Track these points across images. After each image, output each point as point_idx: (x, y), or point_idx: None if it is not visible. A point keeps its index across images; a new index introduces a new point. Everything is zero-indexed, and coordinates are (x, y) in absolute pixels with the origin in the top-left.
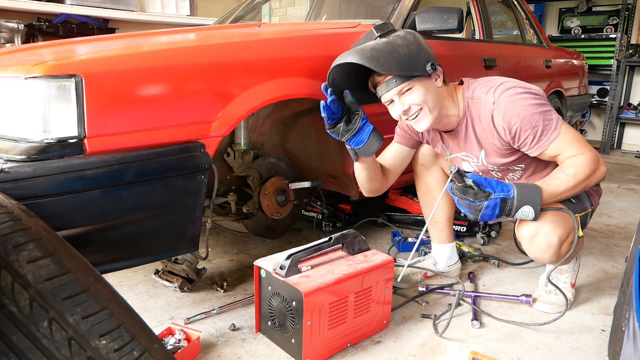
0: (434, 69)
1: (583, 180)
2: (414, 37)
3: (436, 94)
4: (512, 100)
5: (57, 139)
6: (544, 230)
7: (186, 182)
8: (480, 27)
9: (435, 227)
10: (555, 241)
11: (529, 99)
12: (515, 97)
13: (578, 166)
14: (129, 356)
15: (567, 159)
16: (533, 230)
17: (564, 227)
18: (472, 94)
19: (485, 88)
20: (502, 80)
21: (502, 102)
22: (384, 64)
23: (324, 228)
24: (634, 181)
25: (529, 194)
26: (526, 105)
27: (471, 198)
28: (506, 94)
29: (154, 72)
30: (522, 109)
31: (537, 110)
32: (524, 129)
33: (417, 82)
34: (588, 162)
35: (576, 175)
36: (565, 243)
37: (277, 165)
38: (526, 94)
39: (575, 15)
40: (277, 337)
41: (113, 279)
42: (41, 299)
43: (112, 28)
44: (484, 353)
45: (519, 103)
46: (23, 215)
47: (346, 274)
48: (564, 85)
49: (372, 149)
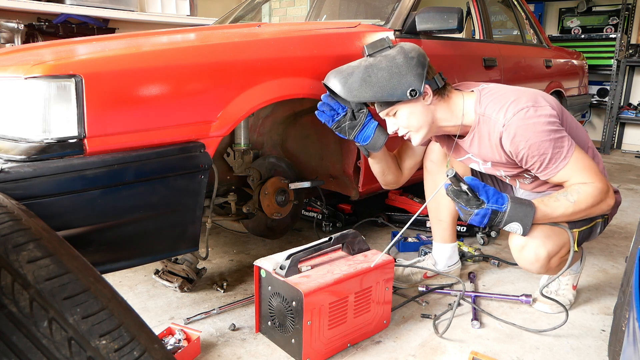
0: (415, 95)
1: (583, 210)
2: (404, 58)
3: (423, 113)
4: (522, 125)
5: (57, 139)
6: (533, 243)
7: (186, 182)
8: (480, 27)
9: (438, 226)
10: (543, 255)
11: (541, 125)
12: (526, 121)
13: (582, 194)
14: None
15: (574, 184)
16: (523, 242)
17: (555, 241)
18: (484, 110)
19: (497, 106)
20: (515, 96)
21: (512, 125)
22: (355, 93)
23: (324, 228)
24: (634, 181)
25: (522, 212)
26: (537, 131)
27: (463, 203)
28: (517, 116)
29: (154, 72)
30: (531, 134)
31: (547, 137)
32: (531, 155)
33: (400, 106)
34: (595, 193)
35: (577, 203)
36: (556, 257)
37: (277, 165)
38: (539, 118)
39: (575, 15)
40: (277, 337)
41: (113, 279)
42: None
43: (112, 28)
44: (484, 353)
45: (529, 128)
46: (23, 215)
47: (346, 274)
48: (564, 85)
49: (379, 143)
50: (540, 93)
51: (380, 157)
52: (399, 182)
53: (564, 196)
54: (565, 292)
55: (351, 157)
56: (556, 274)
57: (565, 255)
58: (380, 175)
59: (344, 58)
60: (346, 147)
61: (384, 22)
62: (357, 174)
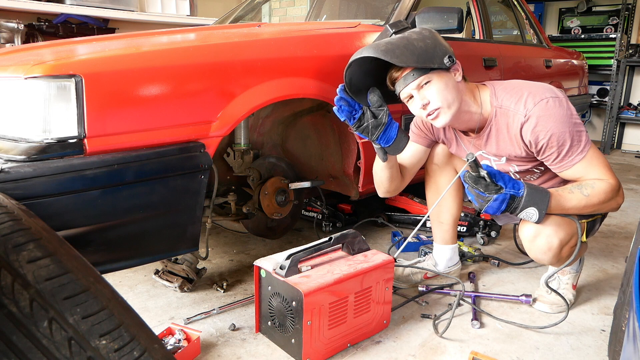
0: (452, 62)
1: (595, 205)
2: (429, 32)
3: (455, 88)
4: (544, 115)
5: (57, 139)
6: (546, 231)
7: (186, 182)
8: (480, 27)
9: (439, 228)
10: (556, 243)
11: (562, 115)
12: (548, 111)
13: (596, 189)
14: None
15: (589, 179)
16: (535, 231)
17: (567, 230)
18: (501, 103)
19: (515, 98)
20: (529, 88)
21: (534, 115)
22: (400, 56)
23: (324, 228)
24: (634, 181)
25: (538, 197)
26: (558, 121)
27: (482, 189)
28: (539, 106)
29: (154, 72)
30: (553, 124)
31: (567, 128)
32: (550, 145)
33: (435, 75)
34: (608, 190)
35: (590, 198)
36: (567, 246)
37: (277, 165)
38: (560, 109)
39: (575, 15)
40: (277, 337)
41: (113, 279)
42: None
43: (112, 28)
44: (484, 353)
45: (551, 118)
46: (23, 215)
47: (346, 274)
48: (564, 85)
49: (401, 145)
50: (552, 87)
51: (394, 161)
52: (399, 189)
53: (578, 189)
54: (565, 291)
55: (351, 157)
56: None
57: (575, 244)
58: (388, 182)
59: (344, 58)
60: (346, 147)
61: (384, 22)
62: (357, 174)
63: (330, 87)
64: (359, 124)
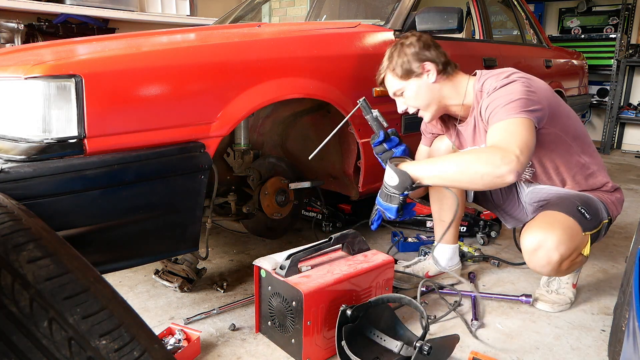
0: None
1: (470, 163)
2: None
3: (429, 89)
4: (499, 88)
5: (57, 139)
6: (548, 245)
7: (186, 182)
8: (480, 27)
9: (441, 227)
10: (555, 259)
11: (515, 86)
12: (505, 87)
13: (479, 150)
14: (129, 356)
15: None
16: (536, 243)
17: (569, 245)
18: (481, 86)
19: (493, 80)
20: (512, 70)
21: (493, 90)
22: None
23: (324, 228)
24: (634, 181)
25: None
26: (504, 92)
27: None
28: (499, 82)
29: (154, 72)
30: (499, 94)
31: (510, 97)
32: (489, 108)
33: (406, 83)
34: (490, 152)
35: (468, 155)
36: (567, 260)
37: (277, 165)
38: (517, 82)
39: (575, 15)
40: (277, 337)
41: (113, 279)
42: (41, 299)
43: (112, 28)
44: (484, 353)
45: (501, 90)
46: (23, 215)
47: (346, 274)
48: (564, 85)
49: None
50: (536, 78)
51: None
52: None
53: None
54: (565, 290)
55: (351, 157)
56: (565, 275)
57: (576, 259)
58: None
59: (344, 58)
60: (346, 147)
61: (384, 22)
62: (357, 174)
63: (330, 87)
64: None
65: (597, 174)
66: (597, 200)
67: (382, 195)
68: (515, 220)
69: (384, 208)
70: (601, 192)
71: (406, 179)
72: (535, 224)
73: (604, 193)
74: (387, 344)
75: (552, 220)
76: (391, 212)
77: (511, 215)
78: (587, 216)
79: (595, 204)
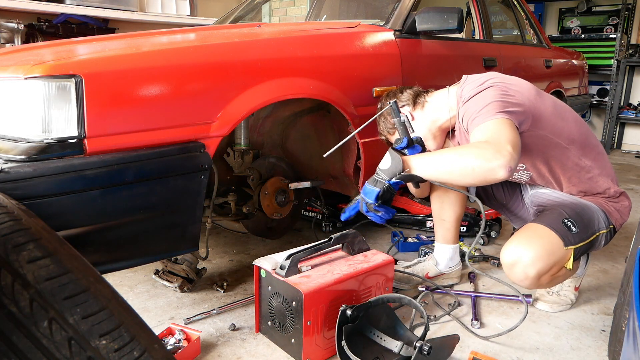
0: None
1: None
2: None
3: (417, 128)
4: (474, 96)
5: (57, 139)
6: (524, 261)
7: (186, 182)
8: (480, 27)
9: (441, 226)
10: (532, 274)
11: (490, 92)
12: (479, 94)
13: (469, 145)
14: (129, 356)
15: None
16: (514, 258)
17: (547, 261)
18: (462, 92)
19: (473, 85)
20: (491, 76)
21: (467, 99)
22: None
23: (324, 228)
24: (634, 181)
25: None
26: (480, 98)
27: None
28: (475, 90)
29: (154, 72)
30: (474, 102)
31: (485, 102)
32: (466, 116)
33: (396, 131)
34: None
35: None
36: (547, 275)
37: (277, 165)
38: (492, 88)
39: (575, 15)
40: (277, 337)
41: (113, 279)
42: (41, 299)
43: (112, 28)
44: (484, 353)
45: (476, 97)
46: (23, 215)
47: (346, 274)
48: (564, 85)
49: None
50: (518, 80)
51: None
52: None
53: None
54: (567, 292)
55: (351, 157)
56: (549, 287)
57: (557, 273)
58: (419, 192)
59: (344, 58)
60: (346, 147)
61: (384, 22)
62: (357, 174)
63: (330, 87)
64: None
65: (599, 178)
66: (597, 209)
67: (370, 180)
68: (520, 220)
69: (365, 192)
70: (603, 198)
71: (398, 163)
72: (515, 238)
73: (607, 199)
74: (387, 344)
75: (532, 234)
76: (371, 196)
77: (516, 215)
78: (572, 229)
79: (589, 214)
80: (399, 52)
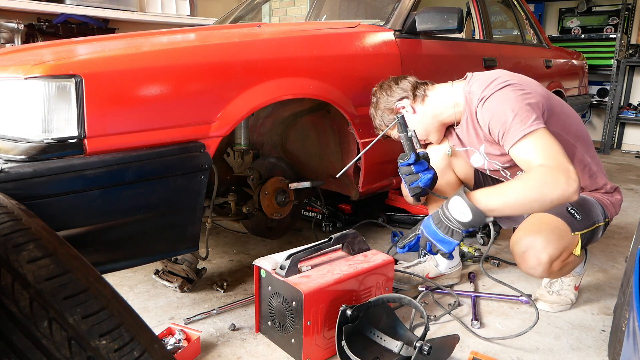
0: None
1: (534, 190)
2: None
3: (416, 122)
4: (492, 96)
5: (57, 139)
6: (536, 247)
7: (186, 182)
8: (480, 27)
9: None
10: (545, 259)
11: (508, 95)
12: (498, 92)
13: (533, 174)
14: (129, 356)
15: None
16: (525, 246)
17: (557, 245)
18: (470, 88)
19: (483, 83)
20: (500, 74)
21: (486, 97)
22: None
23: (324, 228)
24: (634, 181)
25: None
26: (503, 99)
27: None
28: (490, 88)
29: (154, 72)
30: (496, 103)
31: (511, 106)
32: (494, 122)
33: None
34: (544, 173)
35: (526, 182)
36: (558, 261)
37: (277, 165)
38: (507, 89)
39: (575, 15)
40: (277, 337)
41: (113, 279)
42: (41, 299)
43: (112, 28)
44: (484, 353)
45: (498, 97)
46: (23, 215)
47: (346, 274)
48: (564, 85)
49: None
50: (526, 77)
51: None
52: None
53: (516, 178)
54: (567, 292)
55: (351, 157)
56: (558, 277)
57: (567, 259)
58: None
59: (344, 58)
60: (346, 147)
61: (384, 22)
62: (357, 174)
63: (330, 87)
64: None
65: (598, 174)
66: (595, 202)
67: (442, 227)
68: (509, 220)
69: (438, 240)
70: (600, 193)
71: (480, 216)
72: (523, 227)
73: (604, 194)
74: (387, 344)
75: (540, 222)
76: (448, 248)
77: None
78: (576, 216)
79: (589, 205)
80: (399, 52)
